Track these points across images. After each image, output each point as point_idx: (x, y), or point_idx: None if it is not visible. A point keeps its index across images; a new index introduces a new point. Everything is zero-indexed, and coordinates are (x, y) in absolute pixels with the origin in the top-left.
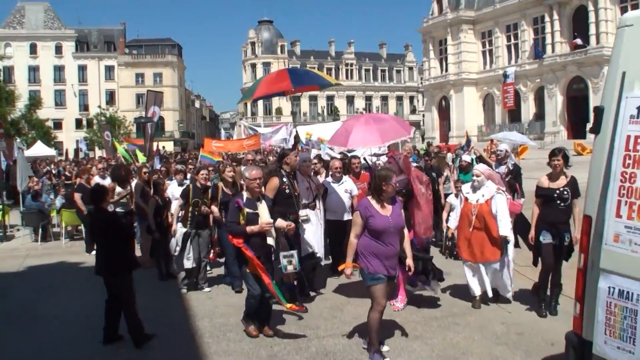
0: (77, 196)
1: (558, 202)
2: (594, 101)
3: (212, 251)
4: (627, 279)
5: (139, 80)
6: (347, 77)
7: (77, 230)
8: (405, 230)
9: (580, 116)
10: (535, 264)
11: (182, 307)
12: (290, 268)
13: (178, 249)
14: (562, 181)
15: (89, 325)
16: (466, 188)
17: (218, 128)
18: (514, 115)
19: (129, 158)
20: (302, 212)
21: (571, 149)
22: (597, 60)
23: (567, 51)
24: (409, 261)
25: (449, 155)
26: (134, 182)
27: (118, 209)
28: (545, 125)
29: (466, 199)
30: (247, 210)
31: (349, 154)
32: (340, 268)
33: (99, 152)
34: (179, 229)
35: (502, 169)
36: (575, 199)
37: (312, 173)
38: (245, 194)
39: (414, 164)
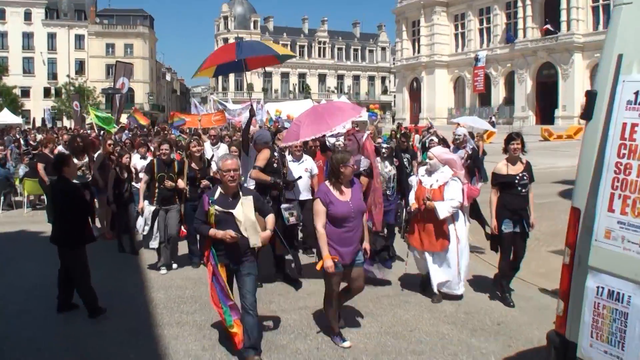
0: (40, 166)
1: (519, 188)
2: (563, 87)
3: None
4: (617, 279)
5: (110, 51)
6: (319, 55)
7: (39, 199)
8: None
9: (549, 102)
10: (495, 250)
11: (139, 279)
12: (292, 219)
13: (147, 228)
14: (519, 166)
15: (47, 294)
16: (422, 171)
17: (189, 102)
18: (484, 98)
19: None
20: (284, 206)
21: (538, 134)
22: (567, 47)
23: (538, 37)
24: (366, 244)
25: (417, 137)
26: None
27: (75, 181)
28: (514, 110)
29: (420, 182)
30: (216, 208)
31: None
32: (318, 267)
33: (66, 122)
34: (147, 207)
35: (461, 153)
36: (530, 183)
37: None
38: (219, 189)
39: (385, 145)
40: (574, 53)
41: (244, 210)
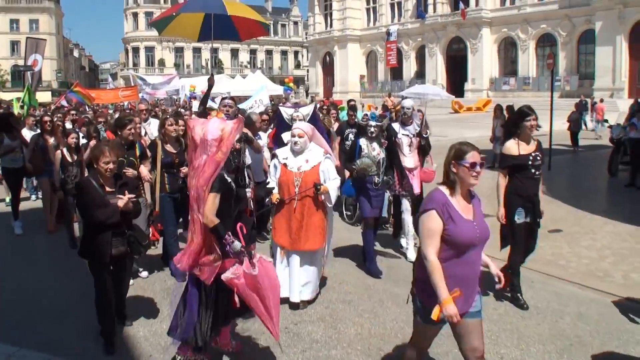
0: None
1: (532, 170)
2: (472, 61)
3: (150, 229)
4: None
5: (14, 27)
6: None
7: None
8: None
9: (459, 75)
10: (504, 246)
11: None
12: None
13: None
14: (532, 146)
15: None
16: (283, 152)
17: (98, 78)
18: (396, 72)
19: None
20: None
21: (449, 107)
22: (475, 22)
23: (448, 12)
24: (495, 270)
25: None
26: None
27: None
28: (425, 84)
29: (285, 165)
30: None
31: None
32: (435, 316)
33: None
34: None
35: (410, 130)
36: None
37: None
38: None
39: (373, 123)
40: (482, 28)
41: None
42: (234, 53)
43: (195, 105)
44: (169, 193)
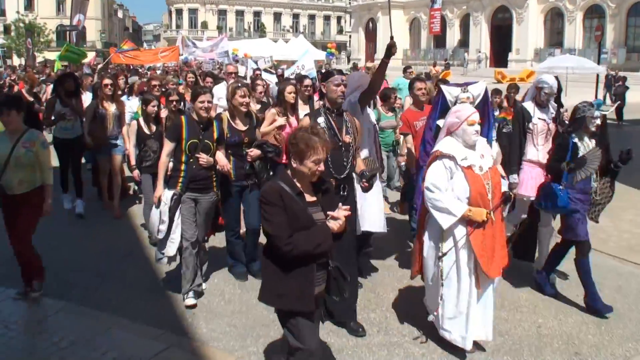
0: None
1: None
2: (517, 31)
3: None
4: None
5: None
6: None
7: None
8: None
9: (503, 45)
10: None
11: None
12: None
13: (163, 227)
14: None
15: None
16: (453, 149)
17: (141, 39)
18: (439, 41)
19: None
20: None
21: (492, 77)
22: None
23: None
24: None
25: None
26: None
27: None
28: (469, 53)
29: (470, 168)
30: None
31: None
32: None
33: (17, 61)
34: (166, 193)
35: (547, 114)
36: None
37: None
38: None
39: (598, 112)
40: None
41: None
42: (277, 17)
43: (242, 70)
44: (233, 181)
